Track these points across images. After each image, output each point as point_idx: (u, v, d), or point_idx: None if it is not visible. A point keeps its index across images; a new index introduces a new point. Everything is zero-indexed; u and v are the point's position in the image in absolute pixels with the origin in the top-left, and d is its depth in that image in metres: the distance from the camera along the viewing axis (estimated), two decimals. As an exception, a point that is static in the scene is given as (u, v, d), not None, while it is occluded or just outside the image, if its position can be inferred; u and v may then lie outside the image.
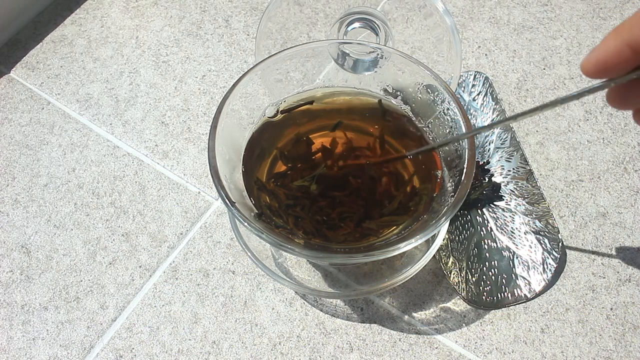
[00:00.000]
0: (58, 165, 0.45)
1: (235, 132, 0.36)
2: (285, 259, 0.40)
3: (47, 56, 0.51)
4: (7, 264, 0.41)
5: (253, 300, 0.39)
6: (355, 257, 0.31)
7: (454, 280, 0.38)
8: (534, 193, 0.41)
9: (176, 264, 0.40)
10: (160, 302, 0.39)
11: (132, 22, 0.53)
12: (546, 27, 0.51)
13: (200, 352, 0.37)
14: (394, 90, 0.39)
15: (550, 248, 0.39)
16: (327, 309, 0.38)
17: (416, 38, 0.47)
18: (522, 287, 0.38)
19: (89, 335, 0.38)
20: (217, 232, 0.41)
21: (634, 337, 0.37)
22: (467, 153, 0.32)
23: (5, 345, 0.38)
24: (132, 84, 0.49)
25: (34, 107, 0.48)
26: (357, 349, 0.37)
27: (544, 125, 0.46)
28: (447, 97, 0.34)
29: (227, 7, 0.54)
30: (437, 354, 0.37)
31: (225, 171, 0.32)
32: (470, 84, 0.46)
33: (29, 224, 0.42)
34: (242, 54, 0.50)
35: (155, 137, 0.46)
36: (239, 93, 0.34)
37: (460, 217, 0.41)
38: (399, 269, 0.38)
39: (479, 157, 0.43)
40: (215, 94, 0.48)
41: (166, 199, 0.43)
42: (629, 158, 0.44)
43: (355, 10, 0.40)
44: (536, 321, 0.38)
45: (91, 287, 0.40)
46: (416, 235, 0.30)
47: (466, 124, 0.33)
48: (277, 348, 0.37)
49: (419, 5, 0.43)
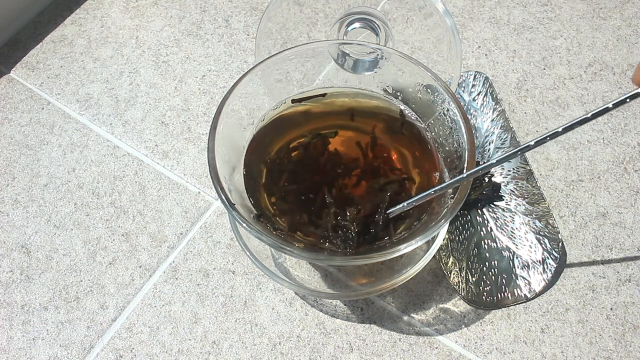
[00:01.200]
0: (58, 165, 0.45)
1: (235, 132, 0.36)
2: (285, 259, 0.40)
3: (47, 56, 0.51)
4: (7, 264, 0.41)
5: (253, 300, 0.39)
6: (355, 259, 0.31)
7: (454, 280, 0.38)
8: (534, 193, 0.41)
9: (176, 264, 0.40)
10: (160, 302, 0.39)
11: (132, 22, 0.53)
12: (546, 27, 0.51)
13: (200, 352, 0.37)
14: (394, 90, 0.39)
15: (550, 248, 0.39)
16: (327, 309, 0.38)
17: (416, 38, 0.47)
18: (522, 287, 0.38)
19: (89, 335, 0.38)
20: (217, 232, 0.41)
21: (634, 337, 0.37)
22: (467, 154, 0.32)
23: (5, 345, 0.38)
24: (132, 84, 0.49)
25: (34, 107, 0.48)
26: (357, 349, 0.37)
27: (544, 125, 0.46)
28: (447, 98, 0.34)
29: (227, 7, 0.53)
30: (437, 354, 0.37)
31: (225, 172, 0.32)
32: (470, 84, 0.46)
33: (29, 224, 0.42)
34: (242, 54, 0.50)
35: (155, 137, 0.46)
36: (239, 93, 0.34)
37: (460, 217, 0.41)
38: (399, 269, 0.38)
39: (479, 157, 0.43)
40: (215, 94, 0.48)
41: (166, 199, 0.43)
42: (629, 158, 0.44)
43: (355, 11, 0.40)
44: (536, 321, 0.38)
45: (91, 287, 0.40)
46: (416, 237, 0.30)
47: (466, 124, 0.33)
48: (277, 348, 0.37)
49: (419, 5, 0.43)
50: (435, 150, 0.36)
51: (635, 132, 0.45)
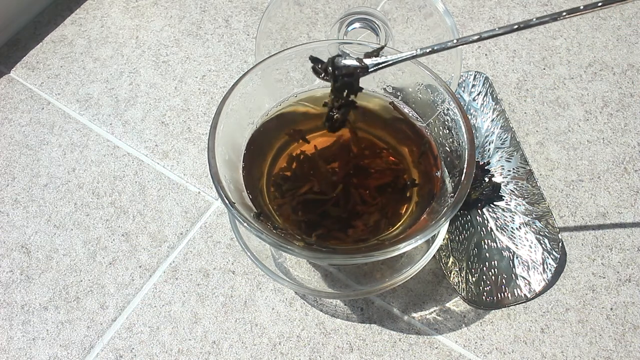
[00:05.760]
0: (58, 165, 0.45)
1: (235, 132, 0.36)
2: (285, 259, 0.40)
3: (47, 56, 0.51)
4: (7, 264, 0.41)
5: (253, 300, 0.39)
6: (355, 258, 0.31)
7: (454, 280, 0.38)
8: (534, 193, 0.41)
9: (176, 264, 0.40)
10: (160, 302, 0.39)
11: (132, 22, 0.53)
12: (546, 27, 0.51)
13: (200, 352, 0.37)
14: (394, 90, 0.39)
15: (550, 248, 0.39)
16: (327, 309, 0.38)
17: (416, 38, 0.47)
18: (522, 287, 0.38)
19: (89, 335, 0.38)
20: (217, 232, 0.41)
21: (634, 337, 0.37)
22: (467, 153, 0.32)
23: (5, 345, 0.38)
24: (132, 84, 0.49)
25: (34, 107, 0.48)
26: (357, 349, 0.37)
27: (544, 125, 0.46)
28: (447, 97, 0.34)
29: (227, 7, 0.54)
30: (437, 354, 0.37)
31: (224, 171, 0.32)
32: (470, 84, 0.46)
33: (29, 224, 0.42)
34: (242, 54, 0.50)
35: (155, 137, 0.46)
36: (238, 93, 0.34)
37: (460, 217, 0.41)
38: (399, 269, 0.38)
39: (479, 157, 0.43)
40: (215, 94, 0.48)
41: (166, 199, 0.43)
42: (629, 158, 0.44)
43: (355, 11, 0.40)
44: (536, 321, 0.38)
45: (91, 287, 0.40)
46: (416, 236, 0.30)
47: (466, 124, 0.33)
48: (277, 348, 0.37)
49: (419, 5, 0.43)
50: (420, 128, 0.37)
51: (635, 132, 0.45)
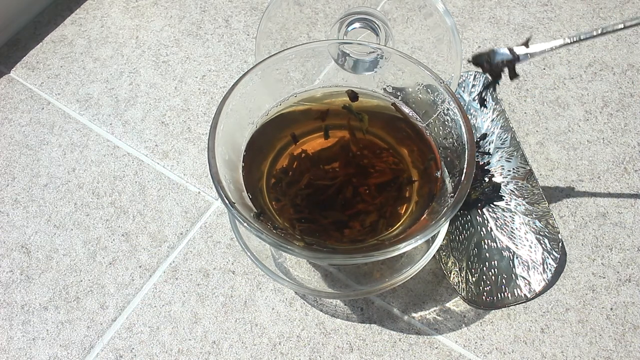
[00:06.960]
0: (58, 165, 0.45)
1: (235, 132, 0.36)
2: (285, 259, 0.40)
3: (47, 56, 0.51)
4: (7, 264, 0.41)
5: (253, 300, 0.39)
6: (355, 258, 0.31)
7: (454, 280, 0.38)
8: (534, 193, 0.41)
9: (176, 264, 0.40)
10: (160, 302, 0.39)
11: (132, 22, 0.53)
12: (546, 27, 0.51)
13: (200, 352, 0.37)
14: (394, 90, 0.39)
15: (550, 248, 0.39)
16: (327, 309, 0.38)
17: (416, 38, 0.47)
18: (522, 287, 0.38)
19: (89, 335, 0.38)
20: (217, 232, 0.41)
21: (634, 337, 0.37)
22: (467, 153, 0.32)
23: (5, 345, 0.38)
24: (132, 84, 0.49)
25: (34, 107, 0.48)
26: (357, 349, 0.37)
27: (544, 125, 0.46)
28: (447, 97, 0.34)
29: (227, 7, 0.54)
30: (437, 354, 0.37)
31: (224, 171, 0.32)
32: (470, 84, 0.46)
33: (29, 224, 0.42)
34: (242, 54, 0.50)
35: (155, 137, 0.46)
36: (239, 93, 0.34)
37: (460, 217, 0.41)
38: (399, 269, 0.38)
39: (479, 157, 0.43)
40: (215, 94, 0.48)
41: (166, 199, 0.43)
42: (629, 158, 0.44)
43: (355, 11, 0.40)
44: (536, 321, 0.38)
45: (91, 287, 0.40)
46: (416, 236, 0.30)
47: (466, 124, 0.33)
48: (277, 348, 0.37)
49: (419, 5, 0.43)
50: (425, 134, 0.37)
51: (635, 132, 0.45)
